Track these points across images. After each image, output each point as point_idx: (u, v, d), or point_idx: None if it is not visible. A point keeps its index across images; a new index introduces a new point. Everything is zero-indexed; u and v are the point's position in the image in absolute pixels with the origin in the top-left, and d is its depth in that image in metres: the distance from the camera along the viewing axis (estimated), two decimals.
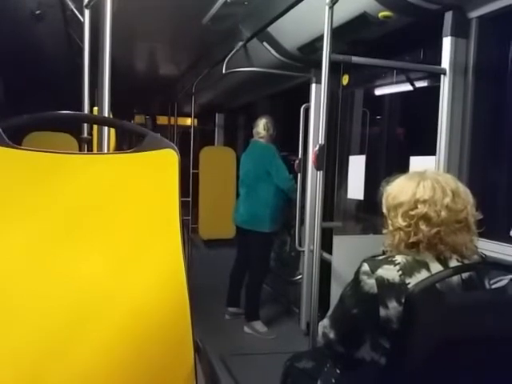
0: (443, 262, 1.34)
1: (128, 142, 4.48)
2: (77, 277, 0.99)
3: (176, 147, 1.07)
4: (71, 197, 1.01)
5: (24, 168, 0.99)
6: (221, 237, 4.81)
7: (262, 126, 3.62)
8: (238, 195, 3.90)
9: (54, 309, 0.97)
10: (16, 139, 1.00)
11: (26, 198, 0.99)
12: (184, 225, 1.07)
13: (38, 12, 3.16)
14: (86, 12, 2.11)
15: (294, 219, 3.59)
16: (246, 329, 3.58)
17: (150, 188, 1.05)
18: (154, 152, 1.05)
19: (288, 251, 4.43)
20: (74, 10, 2.72)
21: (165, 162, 1.05)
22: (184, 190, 1.05)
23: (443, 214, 1.32)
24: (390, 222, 1.40)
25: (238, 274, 3.80)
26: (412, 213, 1.34)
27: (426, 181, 1.36)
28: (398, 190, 1.39)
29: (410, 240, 1.34)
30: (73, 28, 3.29)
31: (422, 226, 1.32)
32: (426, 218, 1.32)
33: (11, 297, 0.95)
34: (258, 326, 3.57)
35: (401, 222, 1.35)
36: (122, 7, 1.50)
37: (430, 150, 2.32)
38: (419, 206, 1.33)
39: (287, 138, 4.25)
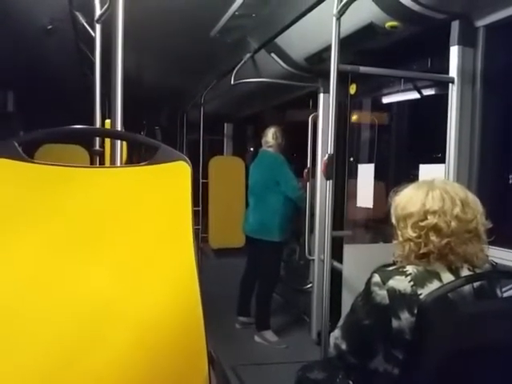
0: (454, 271, 1.33)
1: (138, 152, 4.52)
2: (90, 288, 1.00)
3: (188, 159, 1.09)
4: (84, 210, 1.02)
5: (37, 181, 1.01)
6: (231, 246, 4.82)
7: (270, 135, 3.63)
8: (247, 204, 3.91)
9: (66, 320, 0.98)
10: (28, 152, 1.02)
11: (39, 212, 1.00)
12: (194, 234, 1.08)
13: (49, 27, 3.23)
14: (97, 26, 2.16)
15: (303, 228, 3.59)
16: (257, 338, 3.56)
17: (162, 200, 1.07)
18: (166, 164, 1.06)
19: (297, 260, 4.42)
20: (85, 24, 2.77)
21: (177, 174, 1.07)
22: (194, 200, 1.06)
23: (453, 224, 1.31)
24: (399, 232, 1.39)
25: (248, 283, 3.80)
26: (422, 224, 1.33)
27: (435, 191, 1.35)
28: (406, 200, 1.38)
29: (421, 251, 1.33)
30: (84, 42, 3.34)
31: (433, 237, 1.31)
32: (436, 228, 1.32)
33: (23, 310, 0.96)
34: (269, 335, 3.55)
35: (411, 233, 1.34)
36: (131, 21, 1.53)
37: (440, 158, 2.32)
38: (429, 217, 1.32)
39: (296, 147, 4.26)
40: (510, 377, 1.26)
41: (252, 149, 5.66)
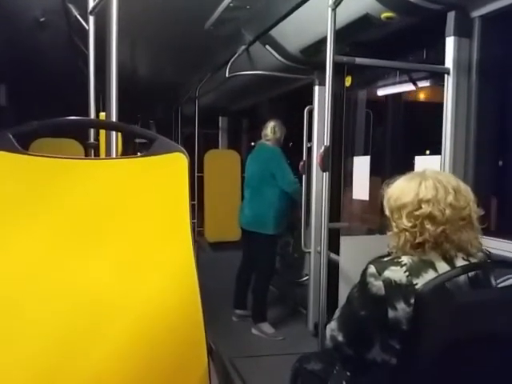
0: (449, 261, 1.34)
1: (132, 146, 4.50)
2: (88, 282, 1.00)
3: (185, 150, 1.08)
4: (81, 202, 1.02)
5: (33, 173, 1.00)
6: (227, 239, 4.82)
7: (269, 128, 3.65)
8: (243, 197, 3.91)
9: (67, 314, 0.98)
10: (22, 145, 1.01)
11: (36, 204, 1.00)
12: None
13: (42, 19, 3.20)
14: (91, 19, 2.13)
15: (298, 221, 3.59)
16: (254, 331, 3.58)
17: (159, 192, 1.06)
18: (163, 156, 1.06)
19: (291, 253, 4.42)
20: (78, 16, 2.75)
21: (174, 165, 1.06)
22: (189, 193, 1.05)
23: (447, 212, 1.32)
24: (394, 223, 1.39)
25: (244, 275, 3.81)
26: (417, 213, 1.33)
27: (428, 180, 1.36)
28: (399, 191, 1.39)
29: (416, 240, 1.34)
30: (77, 35, 3.31)
31: (428, 226, 1.32)
32: (430, 217, 1.32)
33: (23, 303, 0.95)
34: (266, 327, 3.57)
35: (406, 223, 1.35)
36: (125, 13, 1.51)
37: (435, 150, 2.33)
38: (423, 206, 1.33)
39: (291, 139, 4.26)
40: (507, 366, 1.27)
41: (253, 144, 5.66)
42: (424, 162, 2.35)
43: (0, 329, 0.93)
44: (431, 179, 1.36)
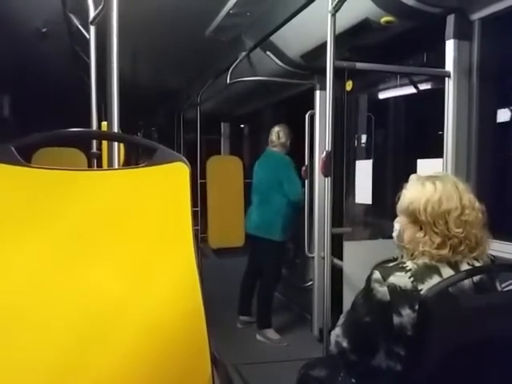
0: (454, 266, 1.34)
1: (135, 154, 4.52)
2: (91, 291, 1.00)
3: (186, 160, 1.09)
4: (83, 213, 1.02)
5: (36, 186, 1.01)
6: (230, 245, 4.81)
7: (274, 134, 3.65)
8: (250, 202, 3.90)
9: (69, 324, 0.98)
10: (25, 156, 1.01)
11: (39, 216, 1.00)
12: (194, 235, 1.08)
13: (43, 30, 3.23)
14: (92, 28, 2.14)
15: (301, 226, 3.59)
16: (259, 337, 3.57)
17: (161, 201, 1.07)
18: (164, 166, 1.06)
19: (292, 258, 4.41)
20: (80, 26, 2.77)
21: (176, 175, 1.07)
22: (192, 200, 1.06)
23: (480, 216, 1.34)
24: (437, 230, 1.33)
25: (249, 281, 3.80)
26: (463, 218, 1.32)
27: (460, 184, 1.36)
28: (439, 195, 1.34)
29: (461, 247, 1.32)
30: (79, 44, 3.33)
31: (473, 230, 1.33)
32: (471, 222, 1.33)
33: (27, 313, 0.96)
34: (270, 333, 3.56)
35: (455, 230, 1.32)
36: (125, 22, 1.52)
37: (437, 153, 2.32)
38: (466, 211, 1.33)
39: (293, 145, 4.26)
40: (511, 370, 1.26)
41: (255, 149, 5.50)
42: (426, 166, 2.34)
43: (6, 339, 0.93)
44: (460, 183, 1.37)
